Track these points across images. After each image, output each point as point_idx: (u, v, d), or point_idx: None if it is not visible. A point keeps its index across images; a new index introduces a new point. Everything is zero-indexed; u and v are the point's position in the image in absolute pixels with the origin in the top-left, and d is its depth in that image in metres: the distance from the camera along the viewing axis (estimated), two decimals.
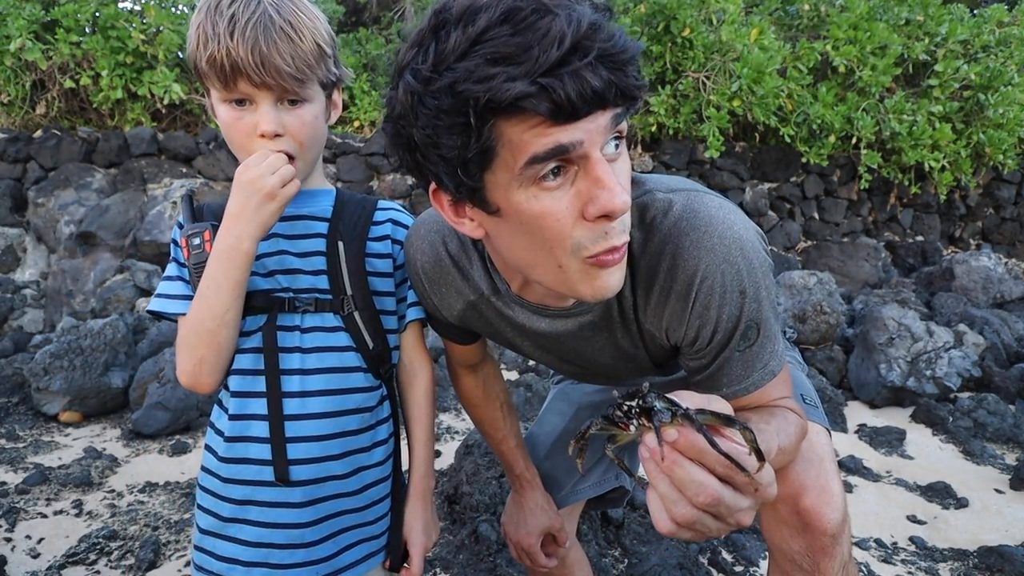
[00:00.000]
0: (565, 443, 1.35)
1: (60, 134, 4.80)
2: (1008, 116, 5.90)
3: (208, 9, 0.88)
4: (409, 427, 1.13)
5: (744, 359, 0.87)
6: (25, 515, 2.05)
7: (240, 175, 0.88)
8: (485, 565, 1.77)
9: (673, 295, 0.84)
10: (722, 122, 5.31)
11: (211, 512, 0.99)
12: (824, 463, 0.96)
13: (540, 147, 0.64)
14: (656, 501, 0.59)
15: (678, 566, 1.77)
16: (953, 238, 6.90)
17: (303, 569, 0.98)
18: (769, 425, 0.82)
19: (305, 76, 0.91)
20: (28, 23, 4.61)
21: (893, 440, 2.79)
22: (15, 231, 4.65)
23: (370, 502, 1.05)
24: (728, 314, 0.83)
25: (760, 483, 0.58)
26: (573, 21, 0.60)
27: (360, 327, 1.02)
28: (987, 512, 2.20)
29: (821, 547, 0.92)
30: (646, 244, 0.85)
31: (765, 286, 0.84)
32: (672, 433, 0.56)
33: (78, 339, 2.92)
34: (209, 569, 0.99)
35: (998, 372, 3.28)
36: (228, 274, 0.89)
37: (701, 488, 0.56)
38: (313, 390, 0.98)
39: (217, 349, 0.92)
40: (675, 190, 0.86)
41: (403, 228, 1.09)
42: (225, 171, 5.01)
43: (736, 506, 0.57)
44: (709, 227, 0.81)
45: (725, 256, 0.80)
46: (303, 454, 0.97)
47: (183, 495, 2.24)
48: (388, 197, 5.20)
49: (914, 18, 5.87)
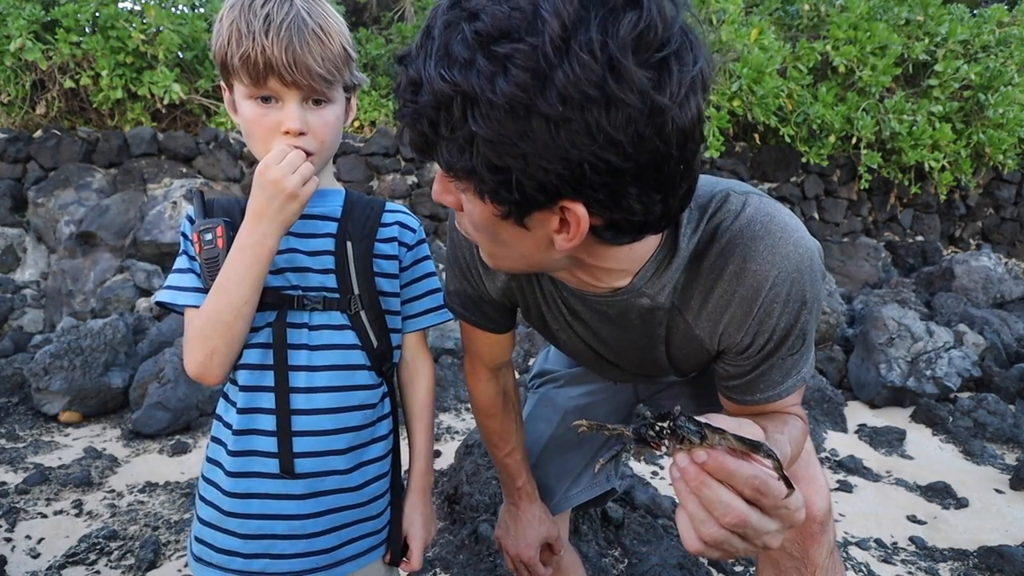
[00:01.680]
0: (554, 450, 1.36)
1: (60, 134, 4.79)
2: (1008, 116, 5.90)
3: (241, 7, 0.89)
4: (410, 424, 1.16)
5: (784, 367, 0.88)
6: (25, 515, 2.05)
7: (262, 174, 0.90)
8: (485, 565, 1.77)
9: (736, 299, 0.83)
10: (722, 122, 5.32)
11: (213, 504, 1.01)
12: (810, 455, 0.98)
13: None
14: (685, 520, 0.59)
15: (678, 566, 1.77)
16: (953, 238, 6.90)
17: (303, 559, 1.00)
18: (783, 435, 0.83)
19: (334, 77, 0.93)
20: (28, 23, 4.61)
21: (893, 440, 2.79)
22: (15, 231, 4.65)
23: (371, 497, 1.07)
24: (786, 323, 0.83)
25: (789, 507, 0.59)
26: (416, 71, 0.61)
27: (366, 326, 1.04)
28: (987, 512, 2.20)
29: (810, 534, 0.94)
30: (710, 245, 0.83)
31: (819, 299, 0.85)
32: (702, 455, 0.57)
33: (78, 339, 2.92)
34: (208, 560, 1.01)
35: (998, 372, 3.28)
36: (251, 269, 0.91)
37: (728, 509, 0.57)
38: (319, 386, 1.00)
39: (230, 341, 0.94)
40: (748, 192, 0.85)
41: (409, 231, 1.12)
42: (225, 171, 5.01)
43: (763, 528, 0.58)
44: (785, 234, 0.80)
45: (798, 265, 0.80)
46: (308, 447, 0.99)
47: (183, 495, 2.24)
48: (388, 197, 5.21)
49: (914, 18, 5.87)
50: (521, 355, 3.65)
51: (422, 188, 5.41)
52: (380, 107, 5.66)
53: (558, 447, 1.36)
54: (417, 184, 5.43)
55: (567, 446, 1.36)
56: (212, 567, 1.00)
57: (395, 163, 5.39)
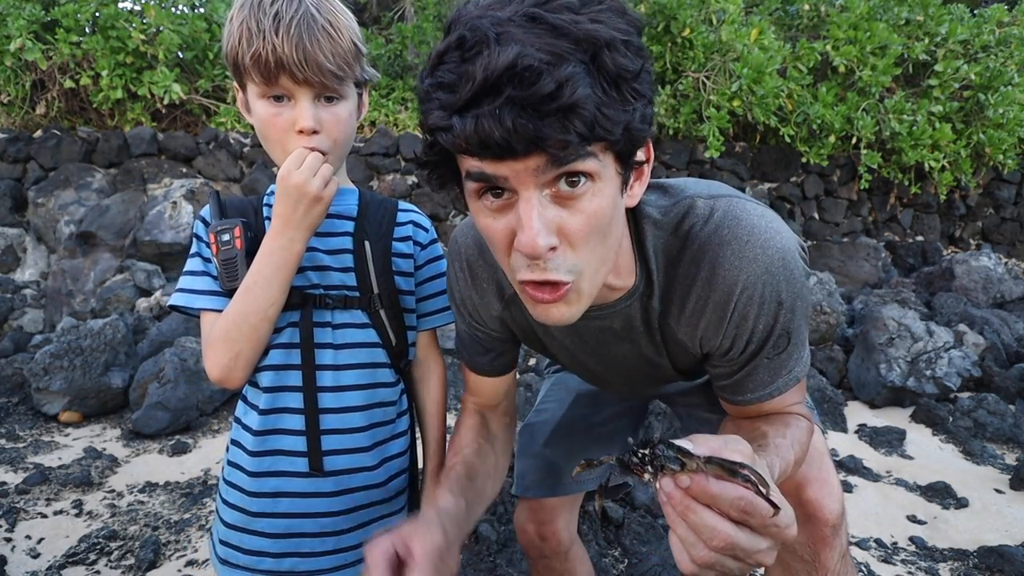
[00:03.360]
0: (564, 429, 1.35)
1: (60, 134, 4.79)
2: (1008, 116, 5.90)
3: (251, 7, 0.90)
4: (423, 421, 1.17)
5: (772, 366, 0.87)
6: (25, 515, 2.05)
7: (284, 180, 0.91)
8: (485, 565, 1.78)
9: (711, 305, 0.83)
10: (722, 122, 5.31)
11: (237, 507, 1.01)
12: (824, 457, 0.98)
13: (471, 167, 0.66)
14: (677, 543, 0.60)
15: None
16: (953, 238, 6.90)
17: (332, 556, 1.01)
18: (785, 438, 0.82)
19: (345, 73, 0.93)
20: (28, 23, 4.60)
21: (893, 440, 2.79)
22: (15, 231, 4.65)
23: (395, 493, 1.09)
24: (764, 324, 0.83)
25: (779, 524, 0.59)
26: (494, 60, 0.58)
27: (385, 324, 1.06)
28: (987, 512, 2.20)
29: (822, 538, 0.93)
30: (682, 252, 0.84)
31: (801, 296, 0.84)
32: (685, 480, 0.58)
33: (78, 339, 2.92)
34: (235, 563, 1.01)
35: (998, 372, 3.28)
36: (279, 271, 0.93)
37: (715, 533, 0.57)
38: (347, 384, 1.02)
39: (256, 344, 0.95)
40: (716, 196, 0.85)
41: (423, 230, 1.14)
42: (225, 171, 5.01)
43: (753, 548, 0.58)
44: (752, 236, 0.80)
45: (767, 267, 0.79)
46: (337, 445, 1.00)
47: (183, 495, 2.24)
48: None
49: (914, 18, 5.87)
50: (521, 355, 3.65)
51: (422, 188, 5.41)
52: (380, 107, 5.67)
53: (569, 427, 1.36)
54: (417, 184, 5.43)
55: (577, 428, 1.36)
56: (240, 568, 1.01)
57: (395, 163, 5.39)
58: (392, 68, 6.60)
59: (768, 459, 0.74)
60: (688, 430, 1.33)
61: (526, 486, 1.31)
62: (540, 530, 1.31)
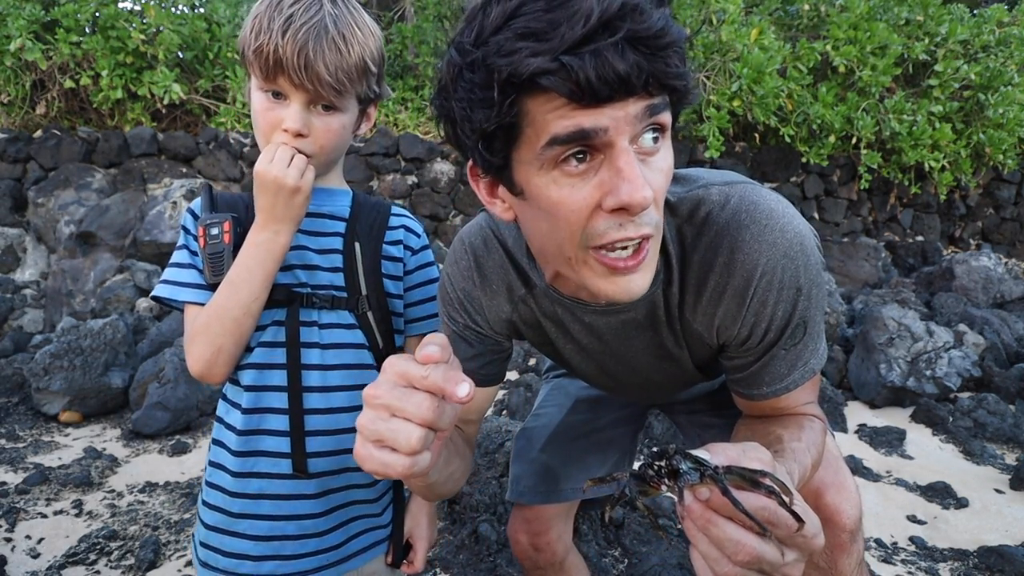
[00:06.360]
0: (563, 435, 1.34)
1: (60, 134, 4.79)
2: (1008, 116, 5.90)
3: (270, 4, 0.91)
4: None
5: (788, 357, 0.85)
6: (25, 515, 2.05)
7: (261, 176, 0.91)
8: (485, 565, 1.78)
9: (729, 291, 0.81)
10: (722, 122, 5.32)
11: (219, 508, 1.00)
12: (839, 461, 0.95)
13: (561, 128, 0.63)
14: (699, 560, 0.57)
15: (678, 566, 1.77)
16: (953, 238, 6.90)
17: (313, 558, 1.00)
18: (801, 442, 0.81)
19: (343, 88, 0.93)
20: (28, 23, 4.61)
21: (893, 440, 2.79)
22: (15, 231, 4.65)
23: (380, 494, 1.08)
24: (783, 311, 0.81)
25: (805, 535, 0.56)
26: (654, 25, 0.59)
27: (372, 326, 1.04)
28: (987, 512, 2.20)
29: (840, 544, 0.91)
30: (699, 238, 0.82)
31: (818, 284, 0.82)
32: (704, 492, 0.55)
33: (78, 339, 2.92)
34: (215, 566, 0.99)
35: (998, 372, 3.28)
36: (263, 265, 0.92)
37: (739, 547, 0.54)
38: (334, 385, 1.00)
39: (238, 339, 0.94)
40: (731, 183, 0.84)
41: (415, 235, 1.13)
42: (225, 171, 5.01)
43: (779, 561, 0.55)
44: (770, 220, 0.78)
45: (786, 251, 0.78)
46: (322, 447, 0.99)
47: (183, 495, 2.24)
48: (388, 197, 5.21)
49: (914, 18, 5.87)
50: (521, 355, 3.65)
51: (422, 188, 5.41)
52: (380, 107, 5.66)
53: (567, 432, 1.34)
54: (417, 184, 5.43)
55: (576, 434, 1.34)
56: (220, 572, 0.99)
57: (395, 163, 5.39)
58: (392, 68, 6.60)
59: (787, 465, 0.72)
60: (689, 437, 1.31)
61: (521, 491, 1.29)
62: (534, 540, 1.28)
